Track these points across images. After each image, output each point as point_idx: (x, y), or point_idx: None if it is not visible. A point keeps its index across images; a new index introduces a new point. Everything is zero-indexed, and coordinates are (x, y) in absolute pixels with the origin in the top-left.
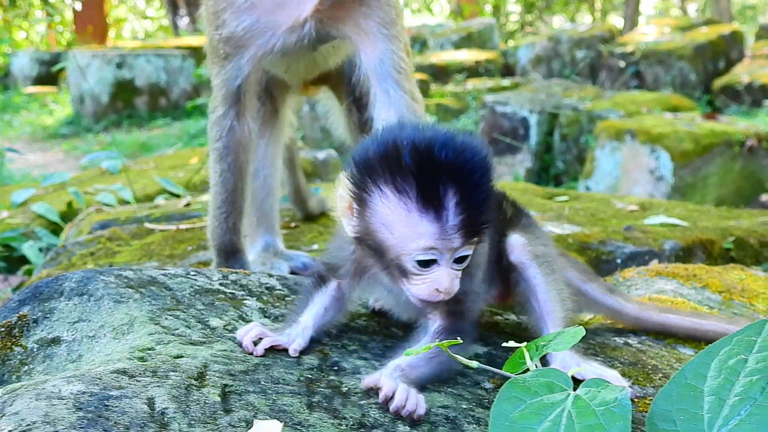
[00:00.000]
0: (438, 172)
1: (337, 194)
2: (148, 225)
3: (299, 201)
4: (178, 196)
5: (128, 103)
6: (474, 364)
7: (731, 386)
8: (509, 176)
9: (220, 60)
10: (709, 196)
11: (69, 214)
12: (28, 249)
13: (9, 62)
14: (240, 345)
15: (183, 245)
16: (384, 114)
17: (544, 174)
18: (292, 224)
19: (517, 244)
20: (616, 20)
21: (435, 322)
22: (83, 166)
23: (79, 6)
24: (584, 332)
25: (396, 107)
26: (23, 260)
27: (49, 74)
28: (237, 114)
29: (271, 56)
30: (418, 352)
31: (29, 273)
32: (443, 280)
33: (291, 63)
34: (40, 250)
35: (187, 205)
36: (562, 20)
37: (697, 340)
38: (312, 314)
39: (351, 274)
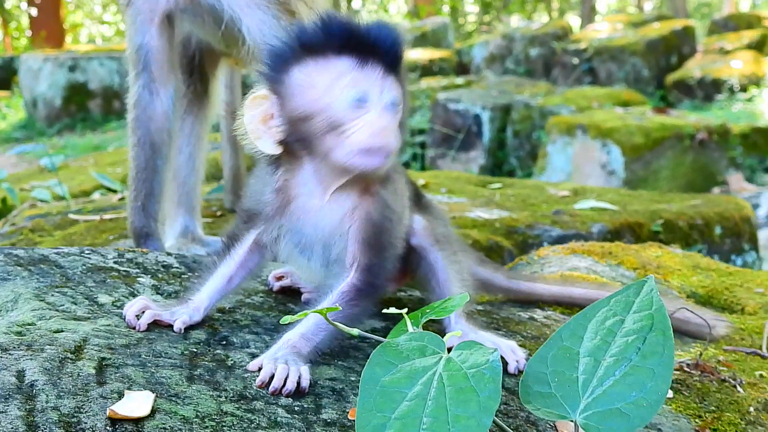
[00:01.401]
0: (348, 25)
1: (246, 118)
2: (72, 216)
3: (234, 188)
4: (114, 191)
5: (82, 107)
6: (354, 331)
7: (607, 347)
8: (463, 172)
9: (122, 13)
10: (661, 190)
11: (3, 210)
12: None
13: None
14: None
15: (105, 234)
16: None
17: (498, 170)
18: (218, 213)
19: (419, 227)
20: (573, 19)
21: (345, 279)
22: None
23: (34, 12)
24: (468, 297)
25: None
26: None
27: (2, 78)
28: (146, 84)
29: (166, 12)
30: (294, 320)
31: None
32: (379, 120)
33: (198, 27)
34: None
35: (122, 199)
36: (520, 20)
37: (568, 305)
38: (209, 291)
39: (273, 213)
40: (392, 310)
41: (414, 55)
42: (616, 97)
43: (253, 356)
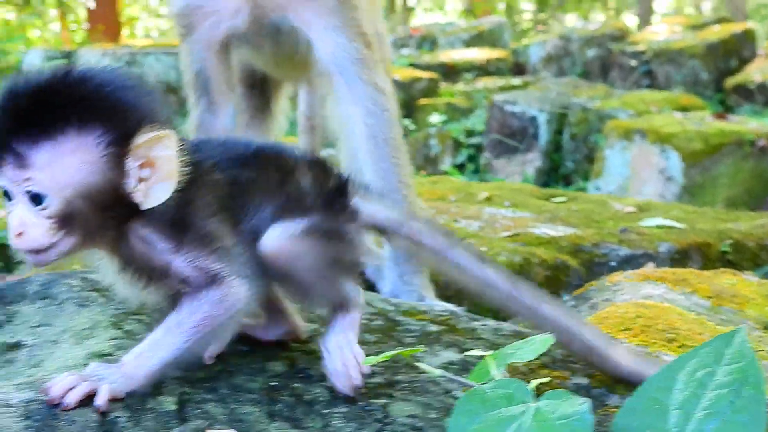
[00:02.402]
0: None
1: None
2: None
3: None
4: None
5: None
6: (436, 372)
7: (698, 400)
8: (519, 176)
9: (181, 42)
10: (720, 196)
11: None
12: None
13: (21, 60)
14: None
15: None
16: (350, 109)
17: (554, 173)
18: None
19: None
20: (629, 19)
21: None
22: None
23: (92, 4)
24: (553, 340)
25: (360, 101)
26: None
27: None
28: (207, 107)
29: (224, 40)
30: (378, 362)
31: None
32: (11, 217)
33: (256, 51)
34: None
35: None
36: (575, 18)
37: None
38: None
39: None
40: (475, 352)
41: (470, 54)
42: (674, 102)
43: (332, 390)
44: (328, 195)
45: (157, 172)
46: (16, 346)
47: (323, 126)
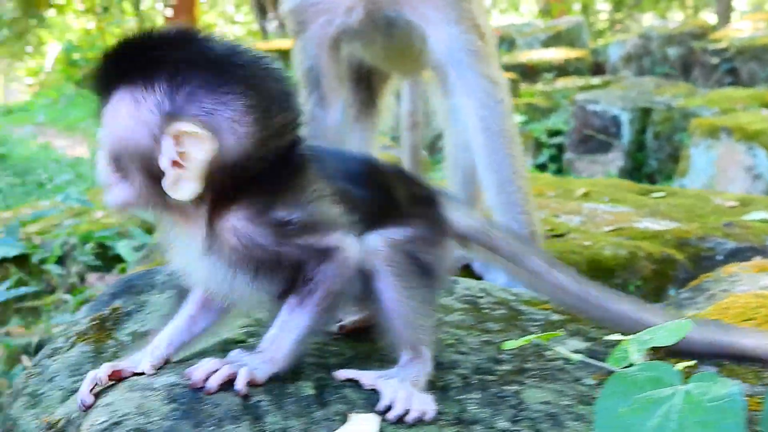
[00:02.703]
0: None
1: None
2: None
3: None
4: None
5: None
6: (576, 357)
7: None
8: (601, 175)
9: (294, 39)
10: None
11: None
12: (122, 248)
13: None
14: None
15: None
16: (463, 101)
17: (637, 173)
18: None
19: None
20: (708, 16)
21: None
22: None
23: (170, 12)
24: (692, 324)
25: (473, 92)
26: (118, 259)
27: None
28: (317, 102)
29: (336, 36)
30: (517, 346)
31: (124, 271)
32: None
33: (367, 46)
34: (135, 248)
35: None
36: (653, 17)
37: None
38: (168, 332)
39: None
40: (614, 337)
41: (548, 54)
42: (760, 98)
43: (464, 377)
44: (420, 206)
45: (186, 167)
46: (147, 334)
47: (425, 123)
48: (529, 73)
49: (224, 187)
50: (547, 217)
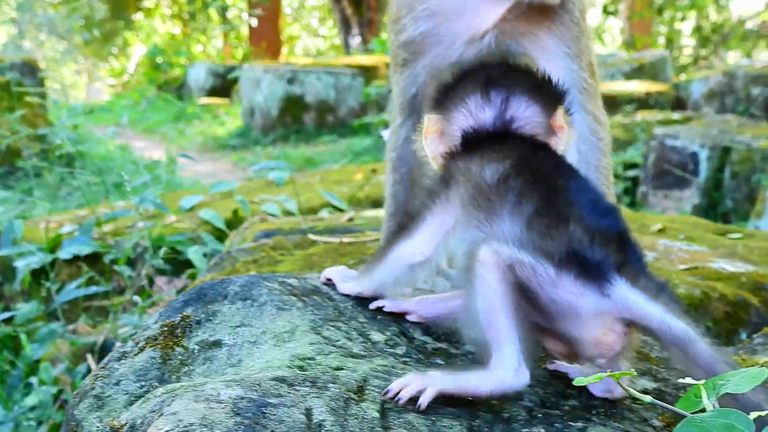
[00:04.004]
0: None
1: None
2: (311, 236)
3: None
4: (341, 210)
5: (297, 119)
6: (647, 398)
7: None
8: (674, 211)
9: (398, 67)
10: None
11: (234, 221)
12: (193, 253)
13: (186, 73)
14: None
15: (345, 258)
16: None
17: (712, 211)
18: None
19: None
20: None
21: None
22: (249, 177)
23: (255, 22)
24: (767, 374)
25: (577, 126)
26: (188, 264)
27: (222, 86)
28: (412, 128)
29: (449, 67)
30: (588, 382)
31: (193, 277)
32: None
33: None
34: (205, 255)
35: (350, 219)
36: (738, 56)
37: None
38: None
39: None
40: (688, 380)
41: (630, 86)
42: None
43: (529, 410)
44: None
45: None
46: (215, 344)
47: None
48: (609, 104)
49: None
50: None
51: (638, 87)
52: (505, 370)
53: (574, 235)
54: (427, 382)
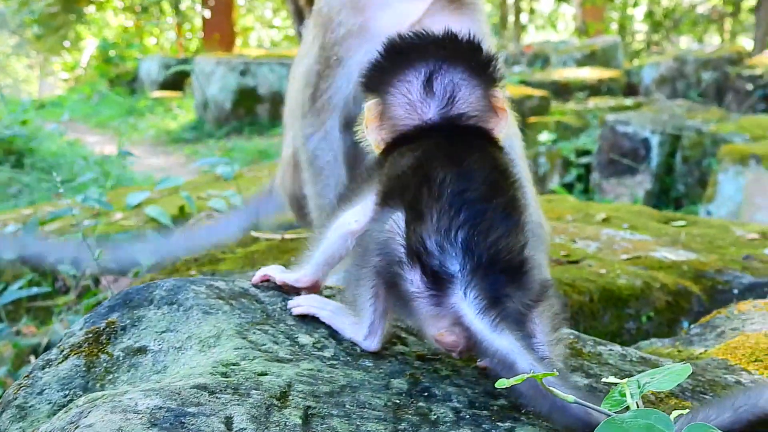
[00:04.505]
0: None
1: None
2: (253, 233)
3: None
4: None
5: (250, 111)
6: (570, 398)
7: None
8: (628, 197)
9: (331, 69)
10: None
11: (181, 218)
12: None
13: (138, 67)
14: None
15: (287, 255)
16: None
17: (664, 196)
18: None
19: None
20: (746, 42)
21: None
22: (204, 171)
23: (208, 14)
24: (691, 369)
25: None
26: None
27: (175, 79)
28: (345, 125)
29: None
30: (510, 384)
31: (137, 275)
32: None
33: None
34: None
35: None
36: (690, 41)
37: None
38: None
39: None
40: (612, 379)
41: (582, 73)
42: None
43: (456, 411)
44: None
45: None
46: (140, 350)
47: None
48: (561, 91)
49: None
50: (564, 242)
51: (590, 74)
52: (359, 333)
53: (427, 233)
54: (310, 307)
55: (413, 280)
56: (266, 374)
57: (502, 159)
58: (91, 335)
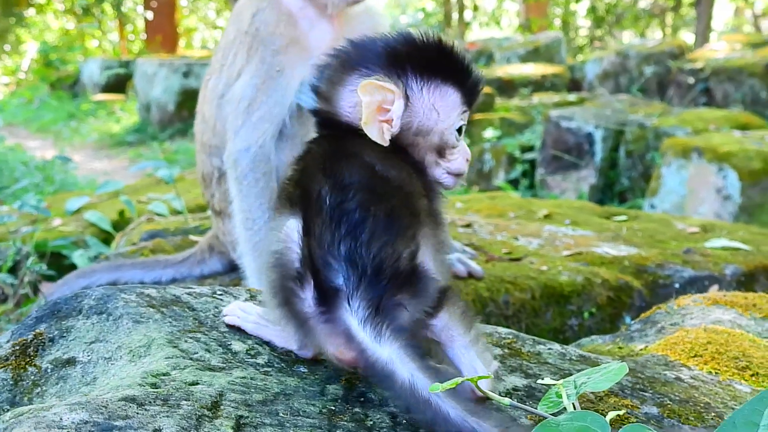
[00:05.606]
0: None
1: (365, 101)
2: (192, 238)
3: None
4: None
5: (193, 112)
6: (506, 401)
7: None
8: (573, 192)
9: (272, 80)
10: None
11: (121, 223)
12: (78, 258)
13: (79, 70)
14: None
15: None
16: None
17: (609, 191)
18: None
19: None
20: (687, 36)
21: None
22: (148, 173)
23: (150, 15)
24: (627, 369)
25: None
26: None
27: (118, 82)
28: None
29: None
30: (445, 388)
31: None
32: (468, 151)
33: None
34: (90, 259)
35: None
36: (632, 36)
37: None
38: None
39: None
40: (548, 380)
41: (526, 70)
42: (733, 120)
43: (393, 416)
44: None
45: None
46: (69, 362)
47: None
48: (505, 87)
49: None
50: (506, 240)
51: (534, 70)
52: (291, 343)
53: (314, 249)
54: (236, 318)
55: (305, 298)
56: (197, 384)
57: (389, 161)
58: (18, 347)
